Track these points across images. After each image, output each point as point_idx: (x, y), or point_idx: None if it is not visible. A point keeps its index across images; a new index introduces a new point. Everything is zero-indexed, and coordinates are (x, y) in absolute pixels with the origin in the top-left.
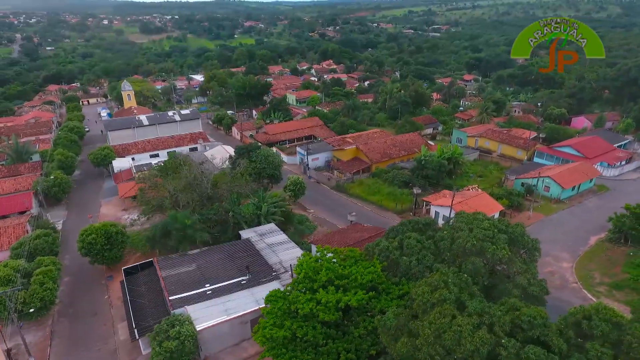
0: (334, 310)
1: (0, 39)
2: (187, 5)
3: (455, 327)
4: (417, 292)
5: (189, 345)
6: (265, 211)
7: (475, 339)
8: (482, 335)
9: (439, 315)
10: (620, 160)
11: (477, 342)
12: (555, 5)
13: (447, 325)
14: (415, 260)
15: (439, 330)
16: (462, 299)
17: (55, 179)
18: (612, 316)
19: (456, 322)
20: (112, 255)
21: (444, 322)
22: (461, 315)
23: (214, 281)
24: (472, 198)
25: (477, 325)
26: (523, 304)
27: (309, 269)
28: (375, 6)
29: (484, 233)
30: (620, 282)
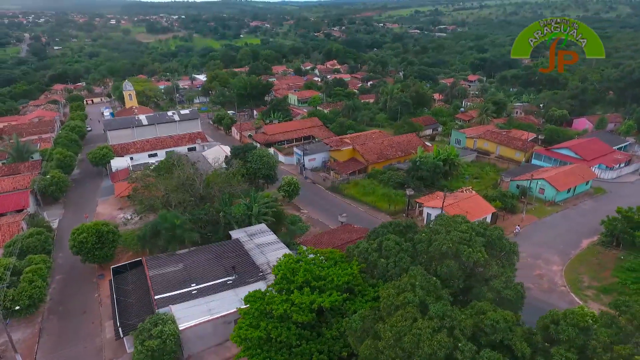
0: (307, 312)
1: (9, 39)
2: (194, 5)
3: (415, 330)
4: (383, 295)
5: (171, 344)
6: (256, 212)
7: (433, 342)
8: (440, 338)
9: (401, 318)
10: (619, 163)
11: (435, 345)
12: (564, 5)
13: (408, 329)
14: (392, 263)
15: (400, 333)
16: (427, 302)
17: (53, 177)
18: (579, 321)
19: (416, 326)
20: (102, 254)
21: (404, 325)
22: (423, 318)
23: (200, 281)
24: (464, 200)
25: (437, 329)
26: (491, 307)
27: (287, 270)
28: (381, 6)
29: (460, 236)
30: (608, 286)
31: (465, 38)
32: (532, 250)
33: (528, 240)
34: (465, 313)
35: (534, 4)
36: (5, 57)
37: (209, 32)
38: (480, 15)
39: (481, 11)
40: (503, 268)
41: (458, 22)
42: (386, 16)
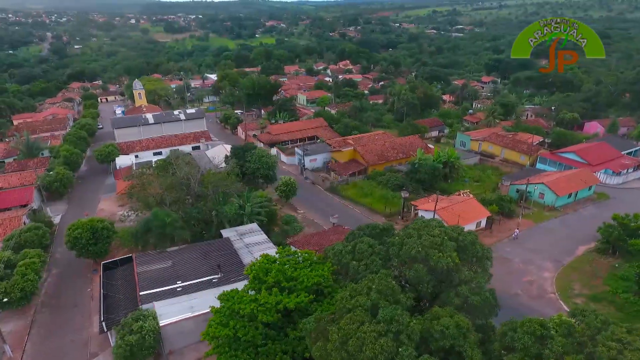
0: (273, 312)
1: (32, 38)
2: (212, 5)
3: (360, 334)
4: (337, 297)
5: (150, 340)
6: (249, 211)
7: (375, 346)
8: (383, 343)
9: (349, 321)
10: (627, 168)
11: (377, 349)
12: (587, 5)
13: (354, 332)
14: (363, 265)
15: (347, 336)
16: (380, 306)
17: (57, 174)
18: (536, 329)
19: (362, 329)
20: (97, 250)
21: (351, 328)
22: (370, 322)
23: (186, 278)
24: (459, 203)
25: (382, 333)
26: (448, 313)
27: (259, 270)
28: (399, 6)
29: (431, 240)
30: (599, 295)
31: (481, 38)
32: (524, 255)
33: (521, 246)
34: (418, 318)
35: (554, 4)
36: (28, 55)
37: (225, 32)
38: (499, 15)
39: (500, 11)
40: (475, 273)
41: (476, 23)
42: (403, 16)
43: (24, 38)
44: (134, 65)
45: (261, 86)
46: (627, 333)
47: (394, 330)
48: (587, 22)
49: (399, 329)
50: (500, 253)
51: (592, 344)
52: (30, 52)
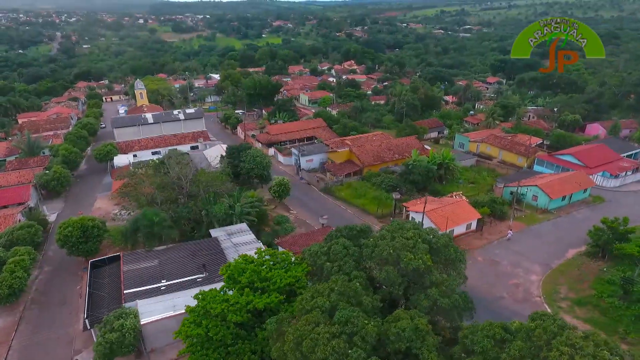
0: (243, 312)
1: (42, 37)
2: (220, 5)
3: (314, 335)
4: (298, 299)
5: (129, 338)
6: (238, 211)
7: (327, 348)
8: (334, 344)
9: (305, 322)
10: (625, 171)
11: (328, 350)
12: (598, 5)
13: (308, 333)
14: (336, 267)
15: (301, 337)
16: (339, 308)
17: (54, 173)
18: (497, 333)
19: (316, 330)
20: (87, 248)
21: (306, 329)
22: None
23: (171, 277)
24: (449, 205)
25: (336, 335)
26: (409, 315)
27: (234, 270)
28: (406, 6)
29: (403, 242)
30: (584, 299)
31: (488, 39)
32: (513, 258)
33: (511, 248)
34: (377, 320)
35: (564, 4)
36: (37, 55)
37: (232, 32)
38: (508, 16)
39: (509, 11)
40: (448, 276)
41: (484, 23)
42: (411, 16)
43: (34, 38)
44: (140, 65)
45: (262, 86)
46: (583, 339)
47: (348, 332)
48: (598, 22)
49: (353, 330)
50: (489, 255)
51: (547, 349)
52: (40, 51)
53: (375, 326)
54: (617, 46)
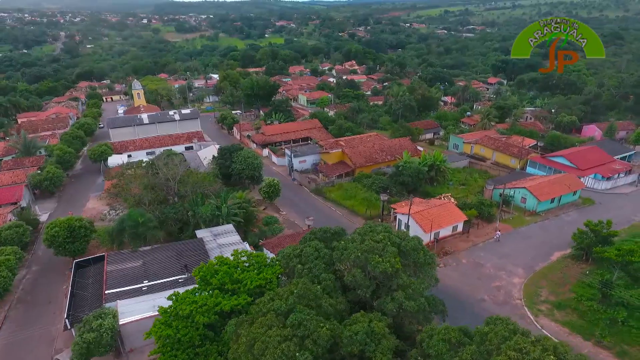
0: (211, 313)
1: (46, 37)
2: (225, 5)
3: (265, 338)
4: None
5: (107, 338)
6: (225, 212)
7: (277, 350)
8: (283, 347)
9: (259, 325)
10: (617, 173)
11: (277, 353)
12: (602, 5)
13: (260, 335)
14: (307, 269)
15: (254, 340)
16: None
17: (47, 173)
18: (453, 336)
19: (268, 333)
20: (74, 248)
21: (259, 332)
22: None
23: (154, 278)
24: (435, 207)
25: (287, 338)
26: (367, 318)
27: (207, 272)
28: (410, 6)
29: (372, 245)
30: (564, 302)
31: (491, 39)
32: (497, 260)
33: (496, 251)
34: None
35: (569, 4)
36: (41, 54)
37: (234, 32)
38: (512, 15)
39: (514, 11)
40: (416, 279)
41: (488, 23)
42: (415, 16)
43: (38, 37)
44: (142, 65)
45: (260, 87)
46: (532, 343)
47: (300, 335)
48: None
49: (305, 333)
50: (473, 257)
51: (497, 353)
52: (44, 51)
53: (329, 329)
54: (621, 47)
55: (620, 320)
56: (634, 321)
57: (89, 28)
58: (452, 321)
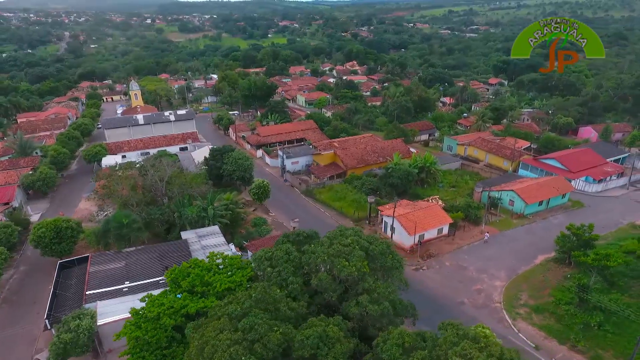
0: (178, 316)
1: (51, 37)
2: (229, 5)
3: (215, 342)
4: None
5: (83, 339)
6: (211, 213)
7: (225, 354)
8: (232, 351)
9: (211, 328)
10: (609, 175)
11: (225, 357)
12: (608, 5)
13: (211, 339)
14: (276, 272)
15: (205, 343)
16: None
17: (40, 173)
18: (408, 341)
19: (219, 337)
20: (60, 249)
21: (211, 335)
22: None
23: (136, 279)
24: (420, 210)
25: (237, 341)
26: (323, 322)
27: (179, 275)
28: (414, 5)
29: (339, 249)
30: (542, 305)
31: (494, 39)
32: (481, 263)
33: (479, 254)
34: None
35: (574, 4)
36: (45, 54)
37: (237, 32)
38: (516, 15)
39: (518, 11)
40: (385, 283)
41: (492, 23)
42: (418, 16)
43: (43, 37)
44: (144, 65)
45: (258, 87)
46: (479, 349)
47: (250, 339)
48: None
49: (255, 337)
50: (457, 260)
51: (444, 358)
52: (48, 51)
53: (282, 334)
54: (624, 47)
55: (596, 325)
56: (610, 326)
57: (93, 28)
58: (428, 324)
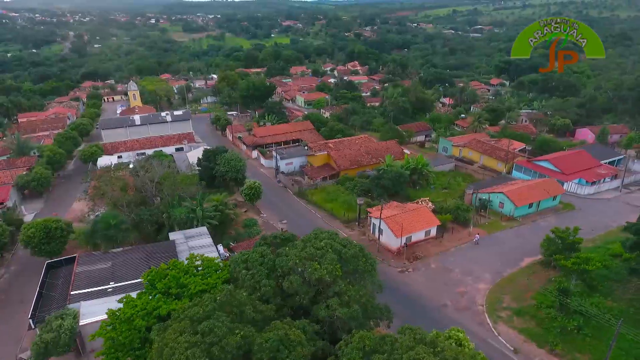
0: (150, 317)
1: (56, 37)
2: (233, 5)
3: (173, 344)
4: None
5: (65, 339)
6: (200, 215)
7: (182, 357)
8: (189, 354)
9: (172, 331)
10: (602, 178)
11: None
12: (614, 5)
13: (171, 341)
14: (250, 275)
15: (165, 345)
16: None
17: (35, 174)
18: (369, 345)
19: (178, 339)
20: (50, 249)
21: (170, 337)
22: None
23: (120, 280)
24: (409, 212)
25: (196, 344)
26: (286, 325)
27: (155, 276)
28: (418, 5)
29: (312, 252)
30: (524, 309)
31: (497, 39)
32: (466, 266)
33: (465, 256)
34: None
35: (579, 3)
36: (50, 54)
37: (241, 32)
38: (521, 15)
39: (524, 11)
40: (358, 286)
41: (496, 23)
42: (422, 16)
43: (48, 37)
44: (146, 65)
45: (256, 88)
46: (433, 354)
47: (208, 342)
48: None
49: (213, 340)
50: (442, 263)
51: None
52: (53, 51)
53: (243, 337)
54: (628, 47)
55: (573, 328)
56: (589, 330)
57: (97, 28)
58: None
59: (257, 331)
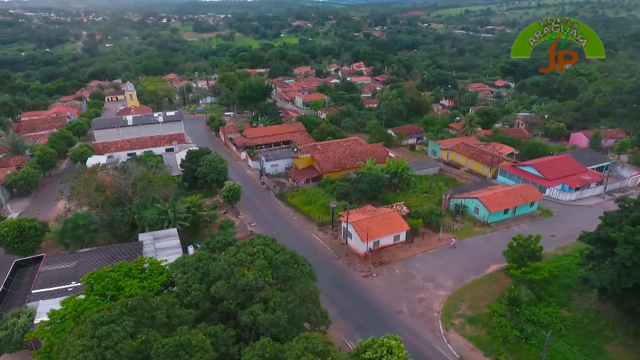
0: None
1: (69, 36)
2: (244, 4)
3: (69, 347)
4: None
5: (17, 336)
6: (171, 216)
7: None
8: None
9: (72, 335)
10: (587, 184)
11: None
12: (631, 5)
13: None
14: (184, 279)
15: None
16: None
17: (23, 172)
18: (269, 352)
19: (75, 342)
20: (23, 248)
21: (69, 340)
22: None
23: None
24: (379, 216)
25: (90, 347)
26: (189, 332)
27: (97, 278)
28: (431, 5)
29: (242, 257)
30: (477, 317)
31: (507, 40)
32: (430, 272)
33: (431, 262)
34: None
35: (595, 3)
36: (62, 53)
37: (250, 31)
38: (535, 15)
39: (538, 11)
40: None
41: (509, 23)
42: (434, 16)
43: (61, 36)
44: (152, 64)
45: (253, 89)
46: None
47: (103, 346)
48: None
49: (108, 344)
50: (407, 268)
51: None
52: (65, 50)
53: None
54: (638, 49)
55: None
56: (537, 340)
57: (110, 27)
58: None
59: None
